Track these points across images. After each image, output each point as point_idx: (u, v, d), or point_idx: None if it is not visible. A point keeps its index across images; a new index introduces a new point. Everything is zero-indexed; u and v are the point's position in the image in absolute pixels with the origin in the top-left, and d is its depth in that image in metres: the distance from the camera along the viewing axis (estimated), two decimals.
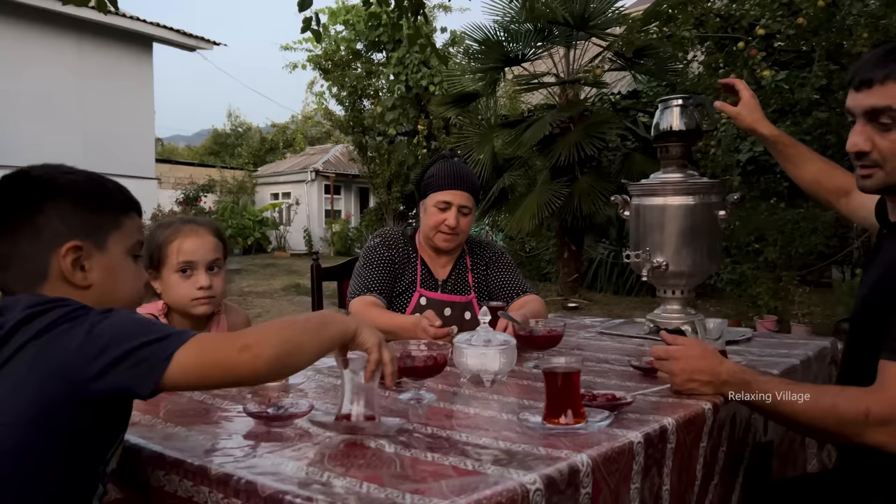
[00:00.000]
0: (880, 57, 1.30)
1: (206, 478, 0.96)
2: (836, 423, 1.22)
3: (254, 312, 8.23)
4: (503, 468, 0.96)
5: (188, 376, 0.95)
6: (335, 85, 15.16)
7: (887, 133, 1.28)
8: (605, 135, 7.89)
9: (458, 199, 2.17)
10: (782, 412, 1.29)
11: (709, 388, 1.33)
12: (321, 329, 1.09)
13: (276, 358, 0.99)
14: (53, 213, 1.05)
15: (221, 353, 0.97)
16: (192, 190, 19.30)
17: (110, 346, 0.92)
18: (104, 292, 1.07)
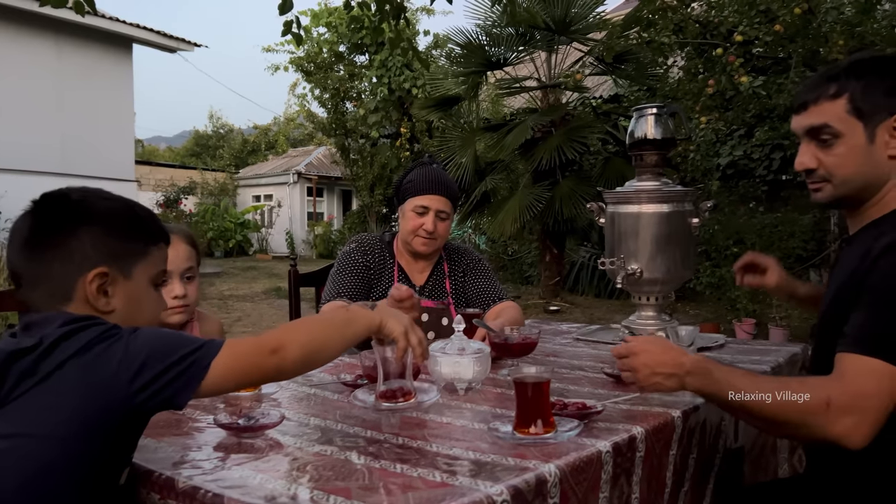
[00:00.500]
0: (814, 80, 1.40)
1: (173, 491, 0.96)
2: (801, 411, 1.19)
3: (234, 316, 8.19)
4: (471, 479, 0.96)
5: (223, 382, 1.01)
6: (317, 87, 15.13)
7: (829, 149, 1.36)
8: (587, 139, 7.94)
9: (436, 203, 2.19)
10: (747, 406, 1.24)
11: (673, 381, 1.29)
12: (346, 326, 1.16)
13: (302, 358, 1.07)
14: (87, 238, 1.07)
15: (253, 357, 1.03)
16: (172, 192, 19.16)
17: (150, 361, 0.96)
18: (124, 318, 1.08)
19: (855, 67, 1.35)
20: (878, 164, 1.33)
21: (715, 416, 1.48)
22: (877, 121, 1.32)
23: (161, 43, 12.41)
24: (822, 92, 1.35)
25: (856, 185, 1.37)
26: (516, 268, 11.43)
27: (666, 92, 6.90)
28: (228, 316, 8.17)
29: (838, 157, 1.36)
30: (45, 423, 0.93)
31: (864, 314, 1.22)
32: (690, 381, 1.27)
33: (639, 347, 1.33)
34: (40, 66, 10.42)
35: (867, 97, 1.32)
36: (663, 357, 1.30)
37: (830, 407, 1.16)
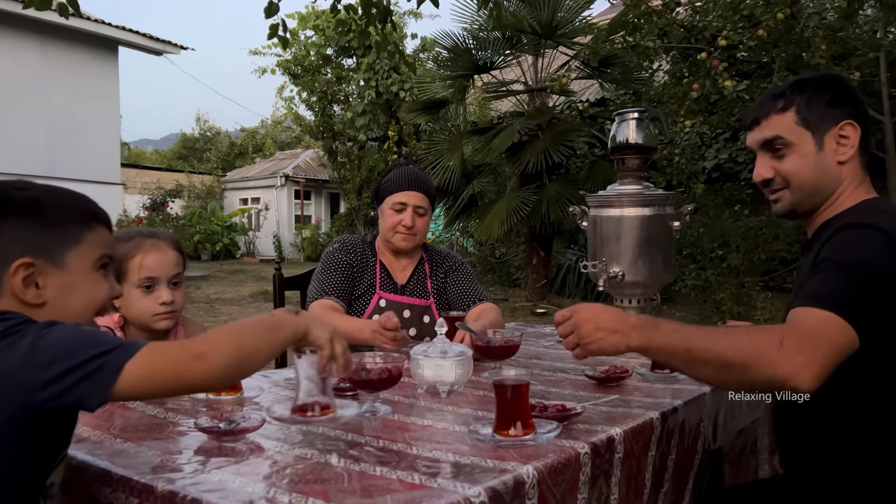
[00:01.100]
0: (761, 100, 1.51)
1: (152, 495, 0.96)
2: (752, 349, 1.17)
3: (220, 320, 8.15)
4: (450, 481, 0.97)
5: (139, 386, 0.95)
6: (305, 90, 15.13)
7: (783, 159, 1.45)
8: (573, 142, 7.98)
9: (414, 199, 2.25)
10: (696, 349, 1.21)
11: (617, 337, 1.24)
12: (273, 331, 1.10)
13: (229, 366, 1.00)
14: (4, 231, 1.03)
15: (175, 363, 0.97)
16: (159, 195, 19.05)
17: (57, 360, 0.91)
18: (61, 307, 1.05)
19: (798, 84, 1.46)
20: (828, 169, 1.43)
21: (694, 417, 1.50)
22: (823, 130, 1.43)
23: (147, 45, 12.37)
24: (770, 108, 1.45)
25: (809, 191, 1.45)
26: (503, 270, 11.46)
27: (651, 96, 6.95)
28: (215, 319, 8.14)
29: (792, 164, 1.45)
30: None
31: (816, 276, 1.26)
32: (636, 335, 1.24)
33: (581, 307, 1.31)
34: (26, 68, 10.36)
35: (811, 109, 1.42)
36: (606, 314, 1.28)
37: (783, 345, 1.14)
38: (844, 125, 1.41)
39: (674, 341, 1.23)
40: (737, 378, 1.20)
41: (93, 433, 1.23)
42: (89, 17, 11.06)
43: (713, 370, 1.21)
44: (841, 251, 1.27)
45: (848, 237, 1.30)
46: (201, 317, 8.22)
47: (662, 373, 1.67)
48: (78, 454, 1.11)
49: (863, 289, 1.21)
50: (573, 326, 1.28)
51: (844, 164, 1.42)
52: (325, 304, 2.15)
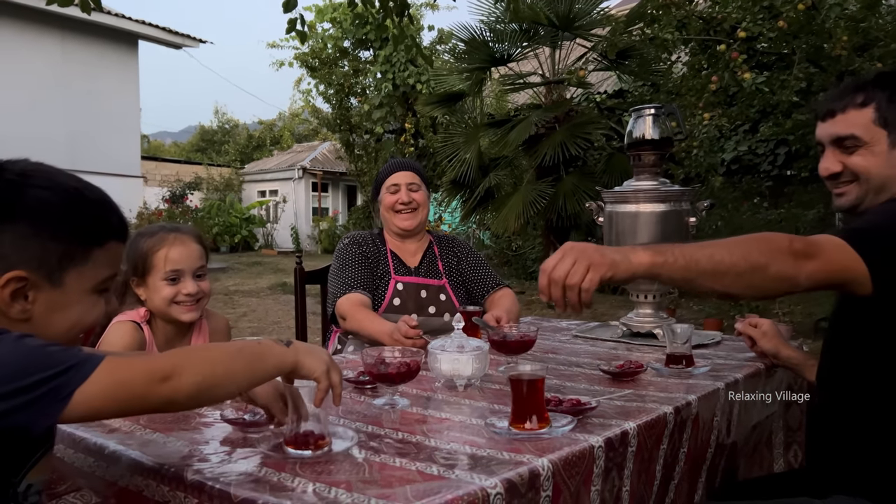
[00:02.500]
0: (841, 90, 1.48)
1: (182, 483, 1.00)
2: (769, 250, 1.20)
3: (239, 311, 8.25)
4: (467, 472, 1.00)
5: (94, 410, 0.87)
6: (322, 83, 15.17)
7: (853, 154, 1.43)
8: (590, 135, 7.96)
9: (405, 178, 2.41)
10: (717, 255, 1.20)
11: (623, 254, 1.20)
12: (255, 361, 1.02)
13: (197, 389, 0.92)
14: (6, 236, 0.93)
15: (137, 384, 0.89)
16: (178, 187, 19.24)
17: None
18: (44, 325, 0.96)
19: (881, 79, 1.44)
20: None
21: (707, 412, 1.52)
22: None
23: (166, 39, 12.48)
24: (849, 101, 1.43)
25: (877, 186, 1.44)
26: (520, 263, 11.46)
27: (669, 88, 6.93)
28: (234, 311, 8.24)
29: (863, 159, 1.44)
30: None
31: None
32: (643, 250, 1.21)
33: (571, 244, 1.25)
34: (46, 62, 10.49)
35: (892, 107, 1.40)
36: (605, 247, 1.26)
37: (793, 245, 1.21)
38: None
39: (692, 250, 1.21)
40: (756, 280, 1.21)
41: (123, 423, 1.27)
42: (109, 12, 11.17)
43: (734, 276, 1.20)
44: (880, 212, 1.34)
45: (892, 206, 1.35)
46: (220, 308, 8.32)
47: (677, 368, 1.69)
48: (110, 444, 1.15)
49: (890, 240, 1.25)
50: (574, 255, 1.20)
51: None
52: (353, 298, 2.21)
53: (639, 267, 1.19)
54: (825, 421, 1.49)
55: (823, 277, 1.23)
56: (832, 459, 1.46)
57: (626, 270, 1.20)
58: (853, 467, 1.39)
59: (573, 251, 1.20)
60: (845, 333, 1.47)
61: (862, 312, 1.37)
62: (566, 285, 1.18)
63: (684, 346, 1.73)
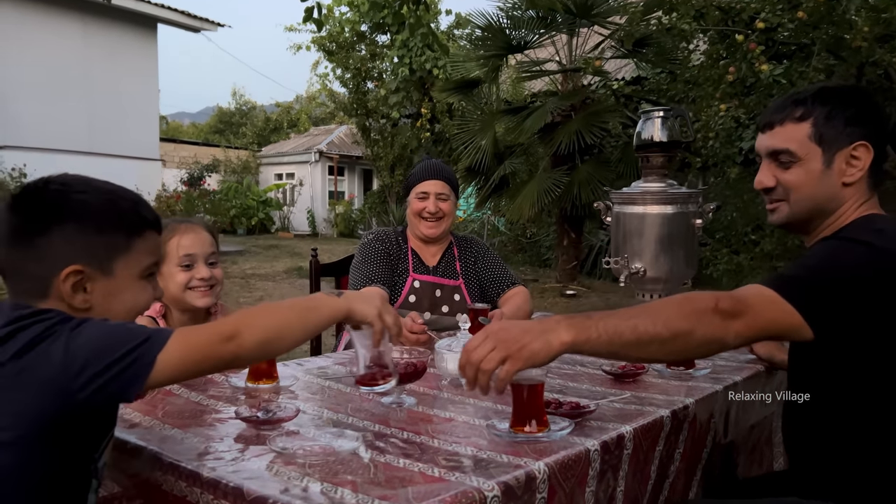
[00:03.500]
0: (781, 102, 1.46)
1: (199, 480, 1.07)
2: (693, 313, 1.19)
3: (256, 295, 8.36)
4: (466, 475, 1.06)
5: (174, 373, 1.00)
6: (339, 66, 15.19)
7: (787, 170, 1.42)
8: (606, 123, 7.95)
9: (435, 187, 2.43)
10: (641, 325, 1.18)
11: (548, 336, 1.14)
12: (308, 313, 1.15)
13: (259, 344, 1.06)
14: (58, 237, 1.06)
15: (206, 346, 1.02)
16: (196, 170, 19.40)
17: (91, 360, 0.95)
18: (104, 312, 1.09)
19: (822, 94, 1.41)
20: (831, 189, 1.40)
21: (704, 413, 1.56)
22: (836, 148, 1.38)
23: (185, 23, 12.54)
24: (788, 114, 1.41)
25: (808, 207, 1.43)
26: (534, 250, 11.49)
27: (686, 77, 6.88)
28: (250, 295, 8.35)
29: (795, 177, 1.42)
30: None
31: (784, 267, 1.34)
32: (566, 328, 1.15)
33: (494, 324, 1.22)
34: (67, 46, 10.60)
35: (830, 124, 1.38)
36: (525, 322, 1.22)
37: (719, 305, 1.19)
38: (858, 146, 1.37)
39: (615, 322, 1.18)
40: (680, 346, 1.21)
41: (143, 419, 1.34)
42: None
43: (659, 344, 1.19)
44: (813, 255, 1.33)
45: (827, 245, 1.34)
46: (237, 292, 8.45)
47: (678, 369, 1.74)
48: (131, 438, 1.22)
49: (824, 286, 1.24)
50: (494, 341, 1.15)
51: (850, 185, 1.39)
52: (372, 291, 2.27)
53: (560, 349, 1.15)
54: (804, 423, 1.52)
55: (753, 335, 1.24)
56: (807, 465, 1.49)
57: (545, 358, 1.15)
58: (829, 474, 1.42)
59: (494, 337, 1.16)
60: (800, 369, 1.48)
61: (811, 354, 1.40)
62: (479, 370, 1.15)
63: None
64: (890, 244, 1.27)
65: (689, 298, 1.24)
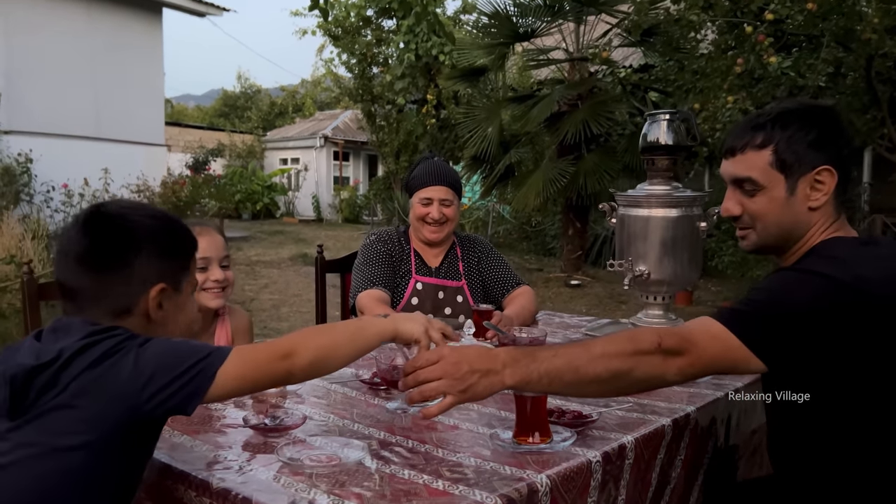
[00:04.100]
0: (742, 127, 1.43)
1: (208, 490, 1.09)
2: (635, 352, 1.23)
3: (261, 283, 8.40)
4: (470, 488, 1.08)
5: (233, 387, 1.09)
6: (345, 52, 15.11)
7: (752, 198, 1.41)
8: (613, 113, 7.92)
9: (439, 193, 2.42)
10: (582, 367, 1.21)
11: (491, 378, 1.18)
12: (357, 334, 1.24)
13: (312, 363, 1.15)
14: (145, 260, 1.17)
15: (263, 363, 1.11)
16: (201, 154, 19.40)
17: (157, 374, 1.04)
18: (172, 325, 1.23)
19: (782, 117, 1.38)
20: (796, 215, 1.39)
21: (705, 420, 1.58)
22: (798, 174, 1.37)
23: (190, 7, 12.48)
24: (748, 140, 1.39)
25: (775, 234, 1.43)
26: (539, 239, 11.49)
27: (694, 68, 6.84)
28: (256, 283, 8.39)
29: (760, 206, 1.41)
30: (64, 434, 1.02)
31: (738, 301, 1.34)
32: (511, 373, 1.18)
33: (449, 349, 1.23)
34: (72, 30, 10.56)
35: (791, 149, 1.36)
36: (476, 352, 1.21)
37: (662, 345, 1.23)
38: (821, 171, 1.35)
39: (557, 364, 1.20)
40: (622, 385, 1.27)
41: None
42: None
43: (599, 384, 1.24)
44: (766, 287, 1.32)
45: (783, 277, 1.34)
46: (242, 279, 8.48)
47: None
48: None
49: (776, 319, 1.24)
50: (442, 373, 1.18)
51: (816, 209, 1.37)
52: (372, 294, 2.30)
53: (501, 390, 1.20)
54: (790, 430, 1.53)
55: (696, 371, 1.27)
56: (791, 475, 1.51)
57: (485, 397, 1.21)
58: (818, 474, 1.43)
59: (443, 369, 1.18)
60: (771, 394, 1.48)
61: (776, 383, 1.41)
62: (420, 391, 1.19)
63: None
64: (847, 275, 1.25)
65: (633, 338, 1.27)
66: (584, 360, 1.22)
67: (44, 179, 9.23)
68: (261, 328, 6.29)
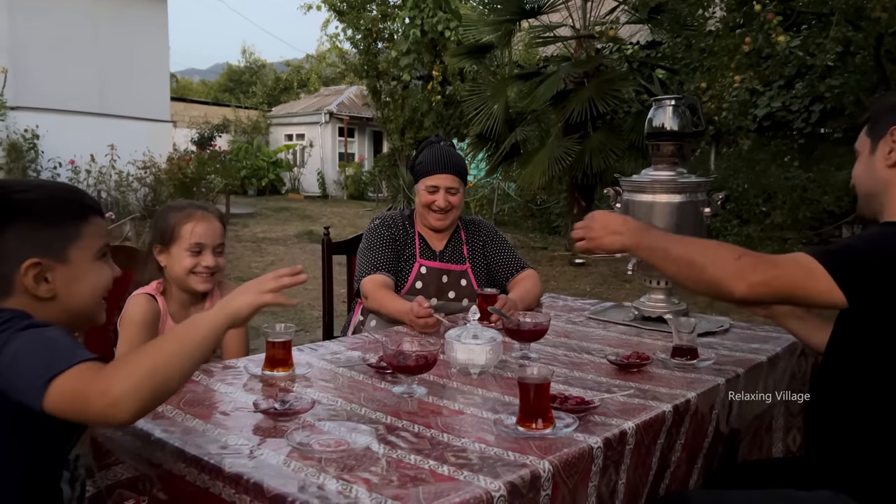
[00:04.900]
0: None
1: (221, 475, 1.13)
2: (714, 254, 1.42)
3: (267, 260, 8.44)
4: (474, 474, 1.11)
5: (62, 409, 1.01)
6: (350, 27, 14.99)
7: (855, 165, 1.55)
8: (619, 92, 7.87)
9: (445, 181, 2.41)
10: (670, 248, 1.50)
11: (616, 238, 1.60)
12: (187, 338, 1.13)
13: (142, 408, 1.03)
14: (11, 234, 1.14)
15: (89, 404, 1.00)
16: (206, 129, 19.38)
17: (15, 363, 1.02)
18: (70, 297, 1.19)
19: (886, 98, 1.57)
20: (876, 173, 1.48)
21: (705, 406, 1.61)
22: (879, 134, 1.48)
23: None
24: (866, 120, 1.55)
25: (864, 194, 1.54)
26: (544, 217, 11.49)
27: (702, 46, 6.79)
28: (262, 260, 8.43)
29: (855, 169, 1.56)
30: None
31: None
32: (629, 236, 1.57)
33: (597, 213, 1.68)
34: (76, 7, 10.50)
35: (880, 117, 1.49)
36: (614, 218, 1.64)
37: (740, 259, 1.38)
38: (894, 130, 1.45)
39: (655, 242, 1.53)
40: (694, 275, 1.44)
41: (165, 408, 1.40)
42: None
43: (678, 267, 1.47)
44: (859, 235, 1.44)
45: (876, 230, 1.44)
46: (249, 257, 8.53)
47: (682, 360, 1.78)
48: (156, 431, 1.28)
49: (863, 258, 1.33)
50: (585, 228, 1.66)
51: (894, 167, 1.45)
52: (376, 279, 2.32)
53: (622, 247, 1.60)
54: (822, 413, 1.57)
55: (767, 291, 1.36)
56: (825, 452, 1.54)
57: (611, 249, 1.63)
58: (843, 462, 1.48)
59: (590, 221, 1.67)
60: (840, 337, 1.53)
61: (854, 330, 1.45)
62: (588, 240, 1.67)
63: (689, 339, 1.81)
64: None
65: (722, 244, 1.47)
66: (676, 244, 1.49)
67: (50, 156, 9.27)
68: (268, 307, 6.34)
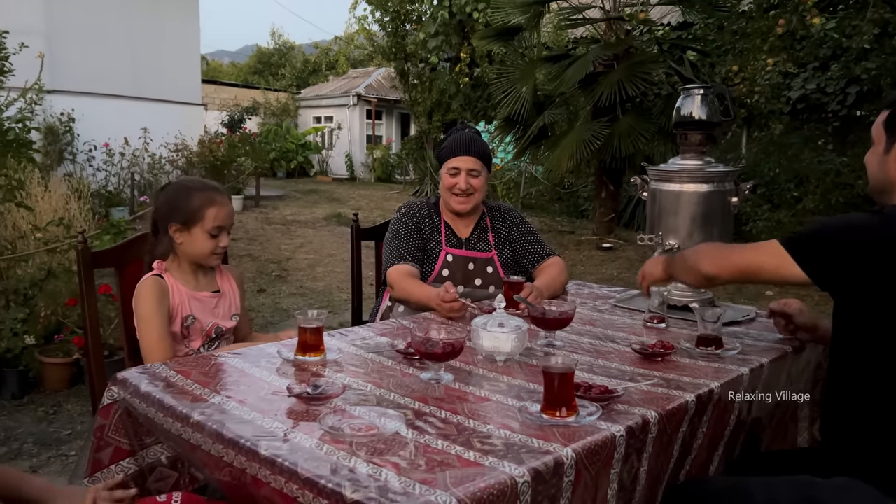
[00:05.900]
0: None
1: (257, 457, 1.18)
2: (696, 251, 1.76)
3: (297, 242, 8.55)
4: (499, 460, 1.15)
5: None
6: (378, 9, 14.98)
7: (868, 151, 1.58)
8: (649, 74, 7.78)
9: (467, 163, 2.44)
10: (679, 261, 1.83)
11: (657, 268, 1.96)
12: None
13: None
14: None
15: None
16: (236, 112, 19.54)
17: None
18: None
19: None
20: (888, 174, 1.49)
21: (726, 393, 1.63)
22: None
23: None
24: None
25: (874, 187, 1.55)
26: (571, 200, 11.44)
27: (734, 28, 6.68)
28: (292, 242, 8.54)
29: (867, 158, 1.56)
30: None
31: None
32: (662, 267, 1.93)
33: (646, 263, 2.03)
34: None
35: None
36: (654, 261, 1.99)
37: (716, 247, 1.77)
38: None
39: (675, 261, 1.85)
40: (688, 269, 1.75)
41: (203, 391, 1.46)
42: None
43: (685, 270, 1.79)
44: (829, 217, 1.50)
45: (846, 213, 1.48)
46: (279, 239, 8.64)
47: (706, 350, 1.80)
48: (194, 414, 1.34)
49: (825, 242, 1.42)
50: (641, 274, 2.02)
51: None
52: (402, 269, 2.36)
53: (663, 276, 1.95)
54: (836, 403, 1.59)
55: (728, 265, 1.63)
56: (841, 439, 1.56)
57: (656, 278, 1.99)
58: (858, 450, 1.49)
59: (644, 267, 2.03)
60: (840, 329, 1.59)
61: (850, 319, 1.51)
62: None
63: (715, 328, 1.83)
64: None
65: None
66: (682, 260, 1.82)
67: (86, 139, 9.44)
68: (297, 287, 6.45)
